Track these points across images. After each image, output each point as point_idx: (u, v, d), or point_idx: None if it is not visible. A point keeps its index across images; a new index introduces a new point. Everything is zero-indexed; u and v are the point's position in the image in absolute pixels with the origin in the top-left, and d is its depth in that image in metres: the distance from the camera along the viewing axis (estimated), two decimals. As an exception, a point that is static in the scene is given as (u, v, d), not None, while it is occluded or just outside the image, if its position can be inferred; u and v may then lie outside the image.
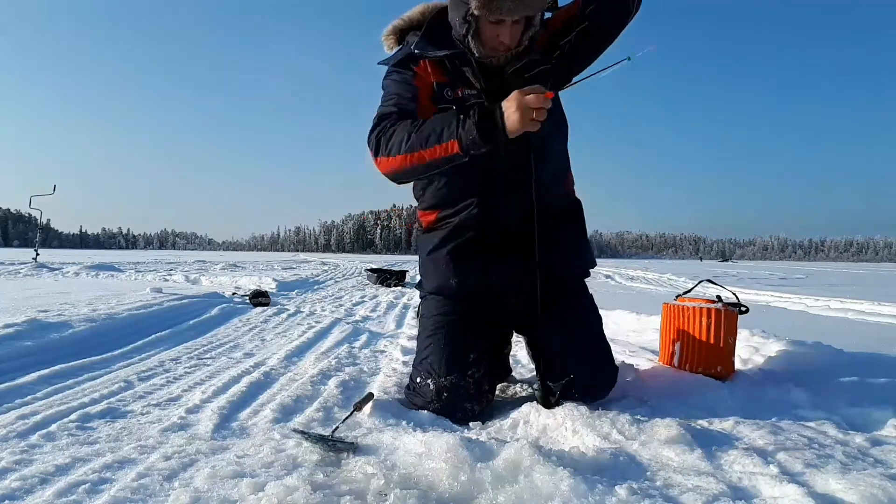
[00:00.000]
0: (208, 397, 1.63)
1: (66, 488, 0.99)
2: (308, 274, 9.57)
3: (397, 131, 1.38)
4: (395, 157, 1.37)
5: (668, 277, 10.85)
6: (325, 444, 1.14)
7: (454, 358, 1.48)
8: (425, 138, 1.32)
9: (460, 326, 1.54)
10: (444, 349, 1.50)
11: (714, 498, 0.93)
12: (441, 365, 1.48)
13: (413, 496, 0.91)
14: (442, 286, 1.61)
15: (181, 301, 3.79)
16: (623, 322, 3.21)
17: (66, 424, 1.35)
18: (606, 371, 1.56)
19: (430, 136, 1.32)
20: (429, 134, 1.32)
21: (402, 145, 1.35)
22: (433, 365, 1.49)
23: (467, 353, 1.50)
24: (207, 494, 0.96)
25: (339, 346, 2.63)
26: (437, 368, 1.48)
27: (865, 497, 0.89)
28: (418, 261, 1.73)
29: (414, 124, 1.36)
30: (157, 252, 71.40)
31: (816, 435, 1.24)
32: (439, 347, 1.51)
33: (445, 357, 1.49)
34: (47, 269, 8.45)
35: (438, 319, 1.57)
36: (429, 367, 1.50)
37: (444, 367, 1.47)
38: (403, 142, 1.35)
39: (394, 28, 1.60)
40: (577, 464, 1.02)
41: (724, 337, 1.84)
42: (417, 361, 1.56)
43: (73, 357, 2.11)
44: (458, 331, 1.53)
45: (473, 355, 1.50)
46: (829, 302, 5.28)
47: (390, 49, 1.61)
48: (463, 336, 1.53)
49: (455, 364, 1.47)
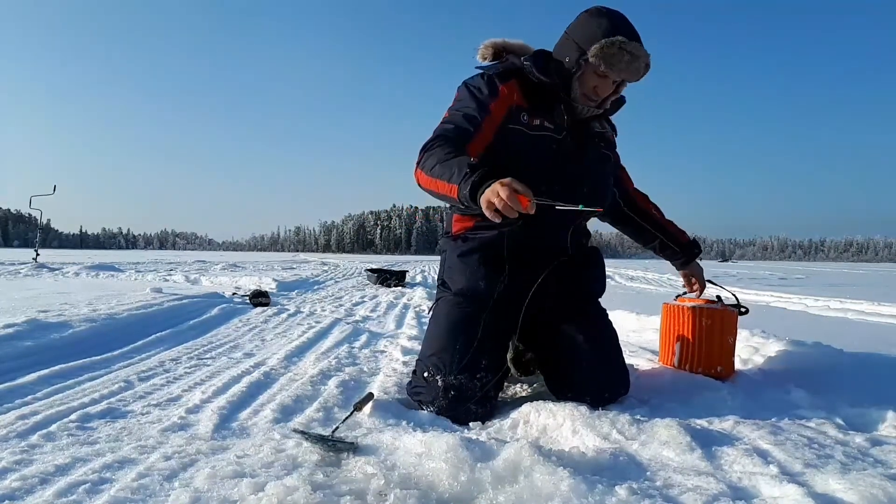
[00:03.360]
0: (208, 397, 1.63)
1: (66, 488, 0.99)
2: (308, 274, 9.58)
3: (434, 154, 1.43)
4: (425, 176, 1.45)
5: (668, 277, 10.85)
6: (325, 444, 1.14)
7: (466, 358, 1.47)
8: (441, 173, 1.38)
9: (477, 330, 1.52)
10: (457, 348, 1.49)
11: (714, 498, 0.93)
12: (453, 362, 1.47)
13: (413, 496, 0.91)
14: (470, 287, 1.60)
15: (181, 301, 3.79)
16: (623, 322, 3.21)
17: (66, 424, 1.35)
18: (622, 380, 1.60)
19: (445, 173, 1.37)
20: (444, 171, 1.37)
21: (431, 169, 1.42)
22: (444, 361, 1.48)
23: (480, 357, 1.49)
24: (207, 494, 0.96)
25: (339, 346, 2.63)
26: (448, 365, 1.47)
27: (865, 497, 0.89)
28: (442, 261, 1.73)
29: (448, 154, 1.41)
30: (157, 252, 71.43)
31: (816, 435, 1.24)
32: (453, 346, 1.50)
33: (458, 356, 1.48)
34: (47, 270, 8.46)
35: (456, 319, 1.56)
36: (438, 363, 1.49)
37: (456, 365, 1.46)
38: (434, 167, 1.41)
39: (494, 44, 1.69)
40: (577, 464, 1.02)
41: (724, 337, 1.84)
42: (426, 356, 1.54)
43: (73, 357, 2.11)
44: (474, 333, 1.51)
45: (485, 361, 1.49)
46: (829, 302, 5.28)
47: (483, 58, 1.70)
48: (479, 340, 1.51)
49: (466, 365, 1.47)
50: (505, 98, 1.53)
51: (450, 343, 1.51)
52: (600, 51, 1.45)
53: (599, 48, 1.45)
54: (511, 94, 1.54)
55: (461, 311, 1.58)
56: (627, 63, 1.46)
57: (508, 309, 1.56)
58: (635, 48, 1.46)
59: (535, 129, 1.54)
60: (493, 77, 1.56)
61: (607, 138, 1.71)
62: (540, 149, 1.54)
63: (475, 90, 1.55)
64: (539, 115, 1.55)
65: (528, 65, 1.55)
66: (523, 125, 1.53)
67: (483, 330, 1.53)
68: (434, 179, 1.41)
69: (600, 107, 1.58)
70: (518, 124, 1.53)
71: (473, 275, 1.60)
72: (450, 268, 1.67)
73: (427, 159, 1.44)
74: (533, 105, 1.55)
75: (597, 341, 1.59)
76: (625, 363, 1.65)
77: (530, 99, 1.55)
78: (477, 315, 1.55)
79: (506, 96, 1.53)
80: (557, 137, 1.55)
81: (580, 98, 1.55)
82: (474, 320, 1.54)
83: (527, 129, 1.53)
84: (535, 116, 1.54)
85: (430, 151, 1.46)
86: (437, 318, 1.62)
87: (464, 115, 1.53)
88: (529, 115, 1.54)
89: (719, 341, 1.84)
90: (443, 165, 1.39)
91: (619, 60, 1.45)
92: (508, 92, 1.54)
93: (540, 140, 1.54)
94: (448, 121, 1.55)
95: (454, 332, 1.53)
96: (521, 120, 1.53)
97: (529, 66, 1.55)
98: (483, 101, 1.53)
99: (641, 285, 8.63)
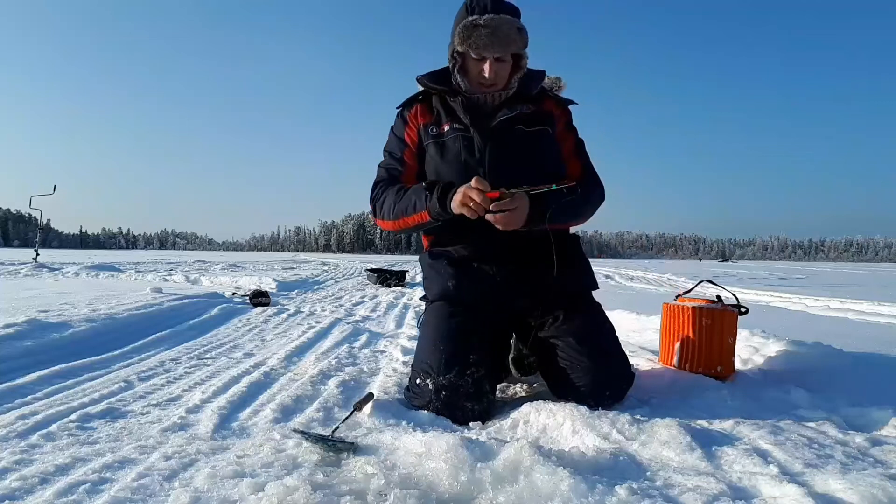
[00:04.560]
0: (208, 397, 1.63)
1: (66, 488, 0.99)
2: (308, 274, 9.58)
3: (386, 200, 1.61)
4: (389, 221, 1.62)
5: (668, 277, 10.85)
6: (325, 444, 1.14)
7: (453, 358, 1.49)
8: (404, 209, 1.55)
9: (460, 329, 1.55)
10: (443, 350, 1.51)
11: (714, 498, 0.93)
12: (440, 364, 1.48)
13: (413, 496, 0.91)
14: (444, 291, 1.64)
15: (181, 301, 3.79)
16: (623, 322, 3.21)
17: (66, 424, 1.35)
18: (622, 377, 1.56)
19: (408, 208, 1.54)
20: (406, 206, 1.54)
21: (391, 213, 1.59)
22: (431, 365, 1.50)
23: (467, 353, 1.50)
24: (207, 494, 0.96)
25: (339, 346, 2.63)
26: (436, 368, 1.48)
27: (865, 497, 0.89)
28: (422, 273, 1.79)
29: (398, 194, 1.57)
30: (157, 252, 71.41)
31: (816, 435, 1.24)
32: (438, 349, 1.52)
33: (445, 357, 1.49)
34: (47, 269, 8.46)
35: (439, 323, 1.59)
36: (427, 368, 1.50)
37: (443, 366, 1.48)
38: (391, 210, 1.59)
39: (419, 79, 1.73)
40: (577, 464, 1.02)
41: (724, 337, 1.84)
42: (416, 364, 1.57)
43: (73, 357, 2.11)
44: (457, 333, 1.54)
45: (473, 357, 1.50)
46: (829, 302, 5.28)
47: None
48: (463, 337, 1.53)
49: (454, 364, 1.48)
50: (413, 123, 1.66)
51: (435, 346, 1.53)
52: (459, 37, 1.48)
53: (459, 34, 1.48)
54: (416, 118, 1.66)
55: (440, 315, 1.61)
56: (488, 37, 1.45)
57: (486, 304, 1.61)
58: (489, 20, 1.45)
59: (448, 134, 1.60)
60: (402, 110, 1.70)
61: (529, 116, 1.59)
62: (454, 149, 1.59)
63: (395, 129, 1.70)
64: (448, 121, 1.61)
65: (422, 79, 1.65)
66: (435, 136, 1.62)
67: (463, 326, 1.56)
68: (400, 219, 1.57)
69: (506, 89, 1.57)
70: (430, 138, 1.63)
71: (443, 277, 1.65)
72: (426, 278, 1.74)
73: (382, 207, 1.62)
74: (437, 116, 1.63)
75: (591, 341, 1.54)
76: (624, 359, 1.60)
77: (434, 112, 1.64)
78: (455, 314, 1.59)
79: (413, 121, 1.66)
80: (468, 135, 1.57)
81: (475, 87, 1.56)
82: (454, 320, 1.57)
83: (438, 139, 1.61)
84: (444, 123, 1.61)
85: (378, 200, 1.63)
86: (423, 328, 1.67)
87: (390, 155, 1.69)
88: (438, 125, 1.62)
89: (719, 341, 1.84)
90: (399, 204, 1.56)
91: (479, 37, 1.46)
92: (413, 117, 1.66)
93: (453, 141, 1.59)
94: (382, 165, 1.70)
95: (437, 336, 1.55)
96: (430, 133, 1.63)
97: (423, 80, 1.64)
98: (400, 136, 1.68)
99: (641, 285, 8.63)
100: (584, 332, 1.55)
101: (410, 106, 1.68)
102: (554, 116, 1.65)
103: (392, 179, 1.66)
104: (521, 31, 1.50)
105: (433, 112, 1.64)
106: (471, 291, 1.62)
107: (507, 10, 1.49)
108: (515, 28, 1.49)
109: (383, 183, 1.66)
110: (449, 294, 1.63)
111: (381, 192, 1.64)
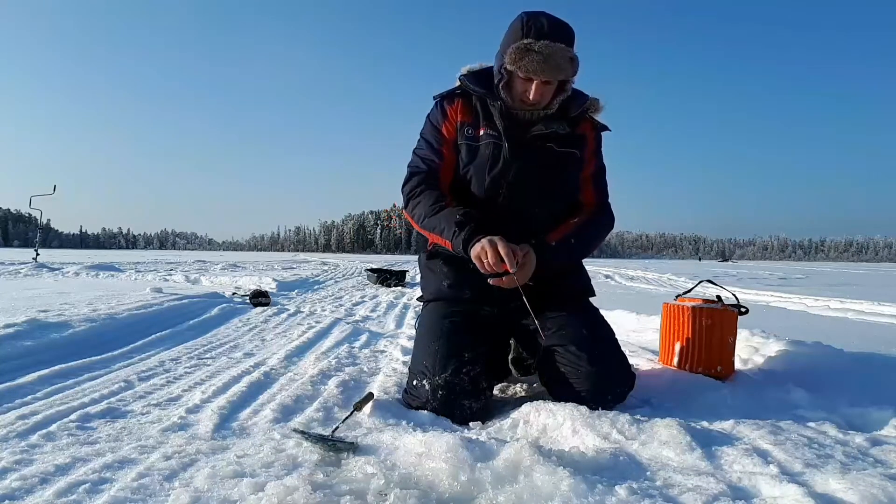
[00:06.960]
0: (208, 397, 1.63)
1: (66, 488, 0.99)
2: (308, 274, 9.57)
3: (420, 205, 1.63)
4: (417, 224, 1.66)
5: (668, 277, 10.85)
6: (325, 444, 1.14)
7: (448, 357, 1.49)
8: (433, 227, 1.59)
9: (455, 328, 1.57)
10: (438, 350, 1.51)
11: (714, 498, 0.93)
12: (436, 364, 1.49)
13: (413, 496, 0.91)
14: (439, 291, 1.66)
15: (181, 301, 3.79)
16: (623, 322, 3.21)
17: (66, 424, 1.35)
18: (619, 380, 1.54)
19: (436, 228, 1.58)
20: (435, 226, 1.58)
21: (421, 221, 1.63)
22: (427, 366, 1.50)
23: (462, 352, 1.51)
24: (207, 494, 0.96)
25: (339, 345, 2.63)
26: (432, 368, 1.49)
27: (865, 497, 0.89)
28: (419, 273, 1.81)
29: (433, 207, 1.60)
30: (157, 252, 71.41)
31: (816, 435, 1.24)
32: (433, 349, 1.52)
33: (440, 357, 1.50)
34: (47, 269, 8.45)
35: (434, 323, 1.60)
36: (423, 368, 1.51)
37: (439, 365, 1.48)
38: (422, 218, 1.62)
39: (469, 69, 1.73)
40: (577, 464, 1.02)
41: (724, 337, 1.84)
42: (413, 365, 1.58)
43: (73, 357, 2.11)
44: (452, 332, 1.55)
45: (469, 354, 1.51)
46: (829, 302, 5.28)
47: None
48: (458, 336, 1.54)
49: (449, 362, 1.48)
50: (452, 118, 1.67)
51: (430, 347, 1.54)
52: (510, 57, 1.48)
53: (511, 54, 1.48)
54: (456, 113, 1.66)
55: (435, 315, 1.62)
56: (540, 63, 1.45)
57: (481, 303, 1.63)
58: (544, 47, 1.44)
59: (482, 139, 1.62)
60: (441, 101, 1.69)
61: (562, 136, 1.61)
62: (484, 155, 1.61)
63: (432, 118, 1.70)
64: (484, 126, 1.62)
65: (465, 81, 1.65)
66: (469, 138, 1.64)
67: (458, 325, 1.57)
68: (429, 232, 1.62)
69: (546, 108, 1.58)
70: (465, 139, 1.64)
71: (438, 277, 1.68)
72: (423, 278, 1.76)
73: (415, 209, 1.64)
74: (476, 117, 1.64)
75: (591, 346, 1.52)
76: (625, 361, 1.59)
77: (473, 112, 1.65)
78: (450, 314, 1.61)
79: (452, 116, 1.67)
80: (500, 143, 1.59)
81: (517, 104, 1.57)
82: (448, 319, 1.59)
83: (472, 141, 1.63)
84: (480, 127, 1.63)
85: (414, 199, 1.65)
86: (419, 330, 1.68)
87: (427, 145, 1.69)
88: (474, 127, 1.64)
89: (719, 341, 1.84)
90: (430, 219, 1.59)
91: (531, 62, 1.45)
92: (454, 111, 1.67)
93: (485, 148, 1.61)
94: (417, 153, 1.71)
95: (432, 336, 1.56)
96: (466, 134, 1.65)
97: (465, 82, 1.65)
98: (438, 127, 1.68)
99: (641, 285, 8.63)
100: (584, 337, 1.54)
101: (451, 99, 1.68)
102: (586, 139, 1.67)
103: (430, 174, 1.66)
104: (573, 61, 1.50)
105: (472, 112, 1.65)
106: (466, 290, 1.63)
107: (563, 38, 1.48)
108: (568, 58, 1.48)
109: (419, 176, 1.67)
110: (444, 294, 1.65)
111: (419, 190, 1.65)
